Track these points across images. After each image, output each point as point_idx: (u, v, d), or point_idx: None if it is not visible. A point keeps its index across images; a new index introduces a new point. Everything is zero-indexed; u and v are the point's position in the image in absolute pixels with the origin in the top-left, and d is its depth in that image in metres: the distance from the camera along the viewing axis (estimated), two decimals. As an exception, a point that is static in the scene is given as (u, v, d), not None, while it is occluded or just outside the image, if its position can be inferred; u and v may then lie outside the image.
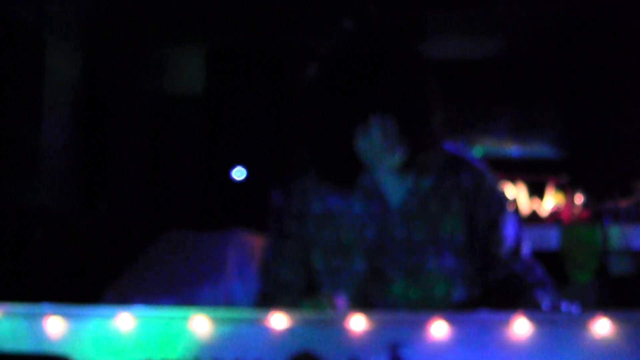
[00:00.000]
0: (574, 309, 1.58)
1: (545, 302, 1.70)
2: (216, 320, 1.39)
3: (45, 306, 1.43)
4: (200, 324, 1.39)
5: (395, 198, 1.80)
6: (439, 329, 1.36)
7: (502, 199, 1.85)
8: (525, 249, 1.85)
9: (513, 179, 5.15)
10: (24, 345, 1.41)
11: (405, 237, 1.78)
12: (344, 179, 1.80)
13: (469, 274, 1.80)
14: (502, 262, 1.81)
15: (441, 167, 1.82)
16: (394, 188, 1.81)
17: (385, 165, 1.76)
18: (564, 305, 1.60)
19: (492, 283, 1.82)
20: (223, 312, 1.41)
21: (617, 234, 4.40)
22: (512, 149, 7.24)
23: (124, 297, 2.70)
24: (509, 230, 1.83)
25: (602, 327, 1.35)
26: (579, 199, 4.87)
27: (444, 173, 1.82)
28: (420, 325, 1.36)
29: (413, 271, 1.77)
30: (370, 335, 1.37)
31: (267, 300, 1.82)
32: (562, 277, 4.31)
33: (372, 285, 1.77)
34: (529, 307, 1.66)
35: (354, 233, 1.79)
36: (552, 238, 4.47)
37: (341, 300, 1.62)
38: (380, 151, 1.73)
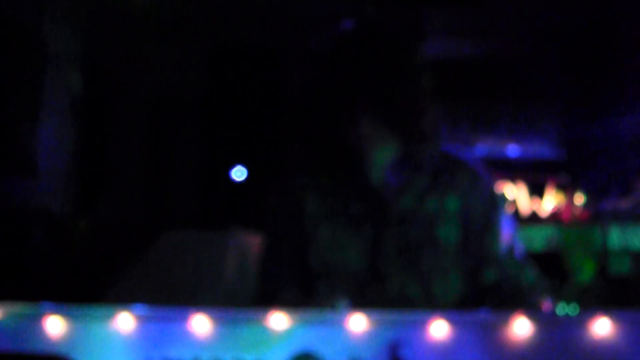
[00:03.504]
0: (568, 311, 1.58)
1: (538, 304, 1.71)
2: (216, 320, 1.39)
3: (45, 306, 1.42)
4: (200, 324, 1.39)
5: (391, 197, 1.80)
6: (439, 329, 1.36)
7: (496, 200, 1.85)
8: (519, 249, 1.85)
9: (513, 179, 5.15)
10: (24, 345, 1.41)
11: (400, 236, 1.78)
12: (338, 175, 1.81)
13: (465, 273, 1.80)
14: (496, 262, 1.81)
15: (437, 167, 1.83)
16: (390, 187, 1.81)
17: (376, 162, 1.78)
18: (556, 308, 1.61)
19: (486, 284, 1.82)
20: (223, 312, 1.41)
21: (617, 234, 4.40)
22: (512, 149, 7.24)
23: (124, 298, 2.70)
24: (504, 231, 1.83)
25: (602, 327, 1.35)
26: (579, 199, 4.87)
27: (440, 173, 1.83)
28: (420, 325, 1.36)
29: (409, 270, 1.77)
30: (370, 335, 1.37)
31: (263, 300, 1.82)
32: (562, 277, 4.31)
33: (368, 284, 1.77)
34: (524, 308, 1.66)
35: (349, 232, 1.79)
36: (552, 238, 4.47)
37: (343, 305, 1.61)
38: (370, 147, 1.75)
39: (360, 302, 1.70)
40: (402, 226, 1.78)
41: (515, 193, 5.06)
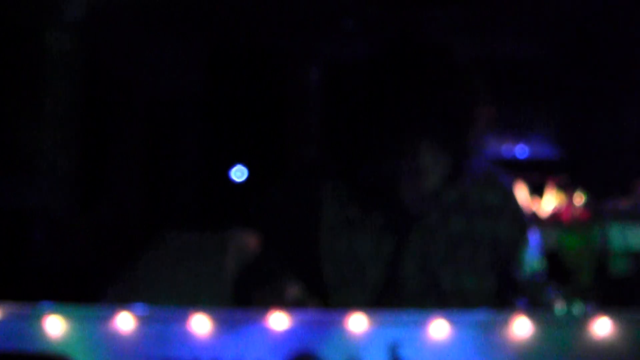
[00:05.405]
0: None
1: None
2: (216, 320, 1.39)
3: (45, 306, 1.42)
4: (200, 324, 1.39)
5: (417, 210, 1.72)
6: (439, 329, 1.36)
7: (525, 220, 1.79)
8: (541, 269, 1.81)
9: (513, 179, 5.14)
10: (24, 345, 1.41)
11: (423, 252, 1.71)
12: (362, 185, 1.71)
13: (486, 292, 1.73)
14: (519, 283, 1.76)
15: (468, 182, 1.74)
16: (416, 199, 1.71)
17: (424, 187, 1.68)
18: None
19: (507, 305, 1.76)
20: (223, 312, 1.41)
21: (617, 234, 4.39)
22: (512, 149, 7.24)
23: (123, 298, 2.69)
24: (530, 252, 1.77)
25: (602, 327, 1.35)
26: (579, 199, 4.87)
27: (470, 188, 1.74)
28: (420, 325, 1.36)
29: (429, 287, 1.70)
30: (370, 335, 1.36)
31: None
32: (562, 277, 4.31)
33: (386, 299, 1.70)
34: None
35: (370, 244, 1.72)
36: (552, 238, 4.47)
37: (294, 290, 1.56)
38: (423, 174, 1.65)
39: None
40: (426, 242, 1.71)
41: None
